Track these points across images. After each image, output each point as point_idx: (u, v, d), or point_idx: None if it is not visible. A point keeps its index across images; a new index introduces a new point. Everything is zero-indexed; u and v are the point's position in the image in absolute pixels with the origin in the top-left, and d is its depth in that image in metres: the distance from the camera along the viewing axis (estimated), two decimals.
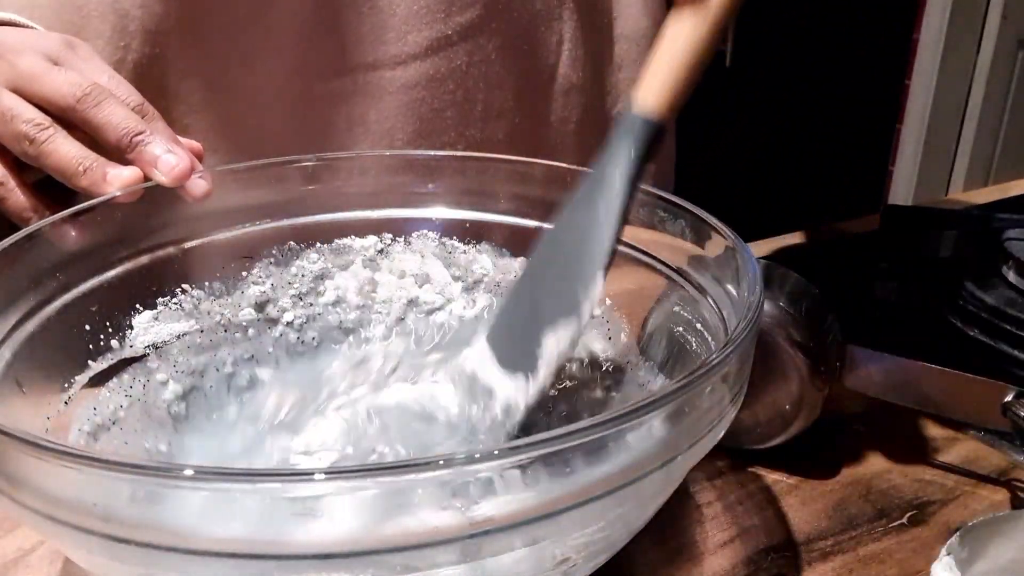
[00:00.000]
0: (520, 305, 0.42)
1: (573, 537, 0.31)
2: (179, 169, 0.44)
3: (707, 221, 0.42)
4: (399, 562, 0.27)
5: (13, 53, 0.45)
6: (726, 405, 0.33)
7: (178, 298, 0.47)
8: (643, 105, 0.39)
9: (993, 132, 2.10)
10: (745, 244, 0.39)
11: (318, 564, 0.27)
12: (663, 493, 0.35)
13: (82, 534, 0.28)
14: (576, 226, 0.40)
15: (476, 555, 0.28)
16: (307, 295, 0.50)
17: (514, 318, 0.42)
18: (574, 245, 0.40)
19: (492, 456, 0.27)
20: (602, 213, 0.39)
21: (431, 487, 0.27)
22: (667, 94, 0.38)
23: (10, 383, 0.37)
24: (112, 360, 0.44)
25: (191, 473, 0.26)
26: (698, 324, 0.41)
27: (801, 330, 0.43)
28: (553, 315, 0.39)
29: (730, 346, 0.32)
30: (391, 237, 0.51)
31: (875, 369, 0.45)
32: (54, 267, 0.42)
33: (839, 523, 0.43)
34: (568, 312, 0.38)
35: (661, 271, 0.45)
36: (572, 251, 0.40)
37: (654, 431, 0.30)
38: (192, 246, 0.48)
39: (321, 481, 0.26)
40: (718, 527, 0.43)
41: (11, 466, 0.28)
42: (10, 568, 0.40)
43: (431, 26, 0.59)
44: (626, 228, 0.46)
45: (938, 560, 0.36)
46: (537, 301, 0.41)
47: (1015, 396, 0.42)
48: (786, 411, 0.44)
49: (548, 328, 0.38)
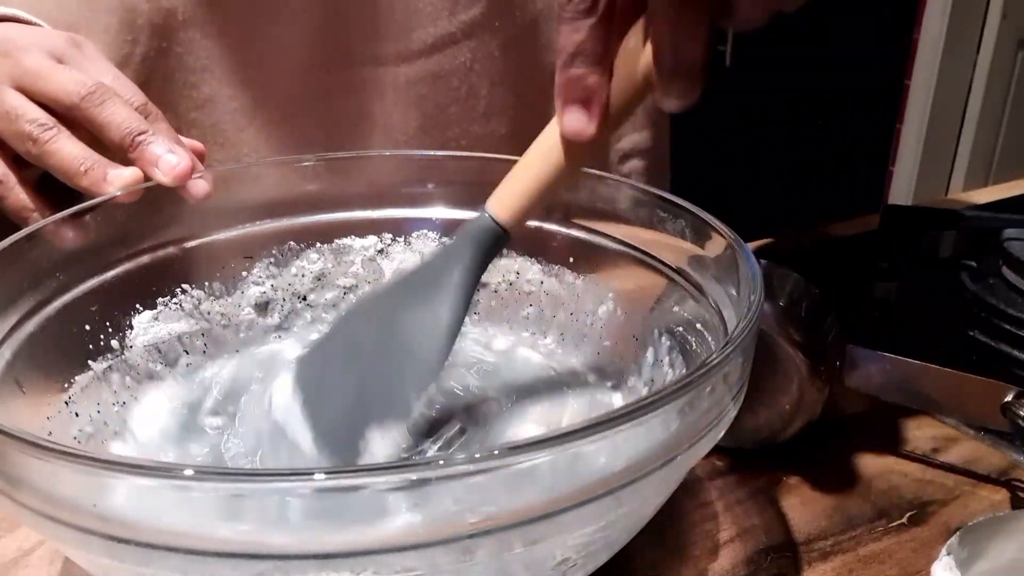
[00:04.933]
0: (340, 374, 0.40)
1: (573, 537, 0.31)
2: (180, 169, 0.44)
3: (707, 221, 0.42)
4: (399, 562, 0.27)
5: (19, 51, 0.45)
6: (726, 405, 0.33)
7: (178, 298, 0.47)
8: (498, 212, 0.38)
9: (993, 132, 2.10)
10: (745, 244, 0.39)
11: (318, 564, 0.27)
12: (663, 493, 0.35)
13: (82, 534, 0.28)
14: (415, 318, 0.39)
15: (476, 555, 0.28)
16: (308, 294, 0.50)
17: (333, 386, 0.40)
18: (411, 341, 0.39)
19: (492, 456, 0.27)
20: (442, 316, 0.38)
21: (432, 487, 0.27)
22: (522, 208, 0.38)
23: (10, 383, 0.37)
24: (112, 360, 0.44)
25: (191, 473, 0.26)
26: (698, 324, 0.41)
27: (801, 330, 0.43)
28: (382, 411, 0.37)
29: (730, 346, 0.32)
30: (391, 237, 0.51)
31: (875, 369, 0.45)
32: (54, 267, 0.42)
33: (839, 523, 0.43)
34: (398, 414, 0.37)
35: (661, 271, 0.45)
36: (409, 346, 0.39)
37: (654, 431, 0.30)
38: (192, 246, 0.48)
39: (321, 481, 0.26)
40: (718, 527, 0.43)
41: (11, 466, 0.28)
42: (10, 568, 0.40)
43: (436, 23, 0.59)
44: (626, 228, 0.46)
45: (938, 560, 0.36)
46: (363, 383, 0.39)
47: (1015, 396, 0.42)
48: (786, 411, 0.44)
49: (375, 423, 0.37)
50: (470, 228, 0.39)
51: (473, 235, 0.39)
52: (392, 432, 0.37)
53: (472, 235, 0.39)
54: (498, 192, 0.39)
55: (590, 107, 0.35)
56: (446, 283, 0.39)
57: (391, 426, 0.37)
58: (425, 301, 0.39)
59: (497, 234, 0.39)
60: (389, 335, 0.40)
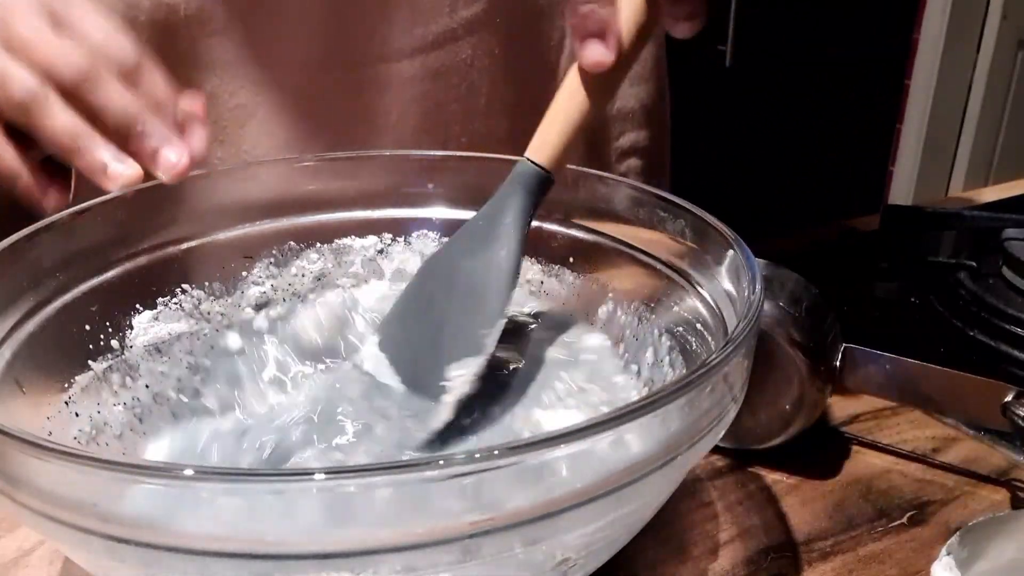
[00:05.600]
0: (418, 325, 0.44)
1: (573, 537, 0.31)
2: (179, 167, 0.44)
3: (707, 221, 0.42)
4: (399, 562, 0.27)
5: (9, 12, 0.44)
6: (726, 405, 0.33)
7: (178, 298, 0.47)
8: (539, 157, 0.42)
9: (993, 132, 2.10)
10: (745, 244, 0.39)
11: (318, 564, 0.27)
12: (663, 493, 0.35)
13: (82, 534, 0.28)
14: (477, 264, 0.43)
15: (476, 555, 0.28)
16: None
17: (413, 337, 0.44)
18: (476, 284, 0.42)
19: (492, 456, 0.27)
20: (502, 258, 0.42)
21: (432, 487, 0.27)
22: (561, 149, 0.42)
23: (10, 383, 0.37)
24: (112, 360, 0.44)
25: (191, 473, 0.26)
26: (698, 324, 0.41)
27: (801, 330, 0.43)
28: (457, 350, 0.41)
29: (730, 346, 0.32)
30: (391, 237, 0.51)
31: (875, 369, 0.45)
32: (54, 267, 0.42)
33: (839, 523, 0.43)
34: (472, 351, 0.41)
35: (661, 271, 0.45)
36: (474, 289, 0.42)
37: (654, 431, 0.30)
38: (192, 246, 0.48)
39: (321, 481, 0.26)
40: (718, 527, 0.43)
41: (11, 466, 0.28)
42: (10, 568, 0.40)
43: (437, 20, 0.60)
44: (626, 228, 0.46)
45: (938, 560, 0.36)
46: (438, 329, 0.43)
47: (1015, 396, 0.42)
48: (786, 411, 0.44)
49: (453, 361, 0.41)
50: (516, 176, 0.42)
51: (521, 182, 0.42)
52: (468, 368, 0.41)
53: (520, 182, 0.42)
54: (534, 141, 0.42)
55: (606, 38, 0.39)
56: (501, 229, 0.42)
57: (468, 362, 0.41)
58: (485, 248, 0.42)
59: (541, 177, 0.42)
60: (456, 283, 0.43)
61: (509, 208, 0.42)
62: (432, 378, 0.41)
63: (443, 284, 0.44)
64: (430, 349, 0.43)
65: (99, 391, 0.42)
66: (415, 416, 0.41)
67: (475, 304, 0.42)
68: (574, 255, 0.49)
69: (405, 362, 0.43)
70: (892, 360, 0.45)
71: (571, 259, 0.49)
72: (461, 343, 0.41)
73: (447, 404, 0.41)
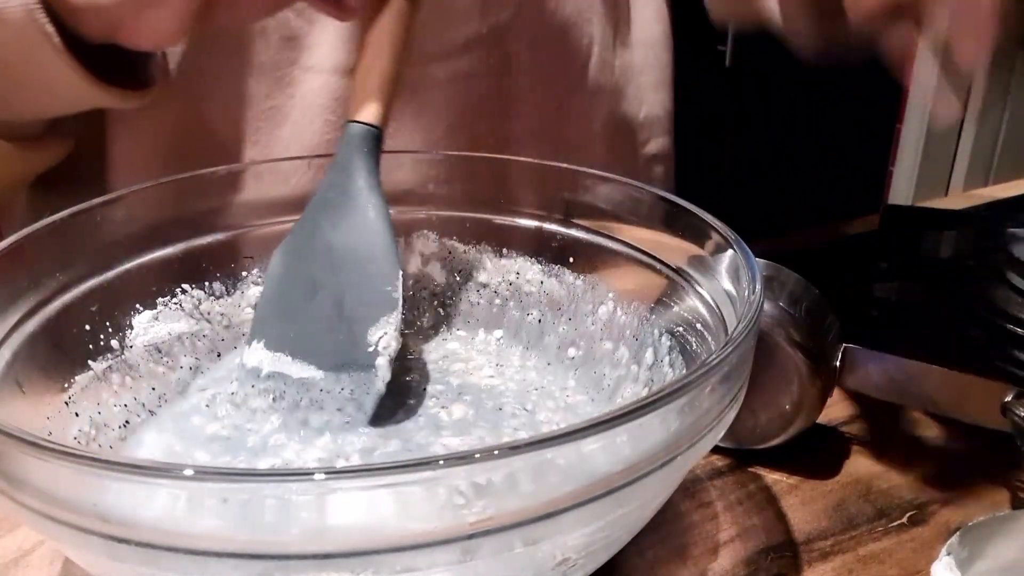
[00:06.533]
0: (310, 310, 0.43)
1: (573, 537, 0.31)
2: None
3: (707, 221, 0.42)
4: (399, 562, 0.27)
5: None
6: (726, 405, 0.33)
7: (178, 298, 0.47)
8: (366, 117, 0.43)
9: (993, 132, 2.10)
10: (745, 244, 0.39)
11: (318, 564, 0.27)
12: (663, 493, 0.35)
13: (82, 534, 0.28)
14: (350, 232, 0.43)
15: (476, 555, 0.28)
16: None
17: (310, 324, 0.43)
18: (359, 249, 0.43)
19: (492, 456, 0.27)
20: (374, 218, 0.43)
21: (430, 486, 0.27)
22: (384, 105, 0.44)
23: (10, 383, 0.37)
24: (112, 360, 0.44)
25: (191, 473, 0.26)
26: (698, 324, 0.41)
27: (801, 330, 0.43)
28: (370, 314, 0.42)
29: (730, 346, 0.32)
30: None
31: (875, 369, 0.45)
32: (54, 267, 0.42)
33: (839, 523, 0.43)
34: (386, 308, 0.42)
35: (661, 271, 0.45)
36: (359, 254, 0.43)
37: (654, 431, 0.30)
38: (192, 246, 0.48)
39: (321, 481, 0.26)
40: (718, 527, 0.43)
41: (11, 466, 0.28)
42: (10, 568, 0.40)
43: (468, 24, 0.60)
44: (626, 228, 0.46)
45: (938, 560, 0.36)
46: (338, 304, 0.43)
47: (1015, 396, 0.42)
48: (786, 411, 0.44)
49: (371, 325, 0.42)
50: (350, 141, 0.43)
51: (357, 144, 0.43)
52: (389, 322, 0.42)
53: (356, 144, 0.43)
54: (356, 104, 0.44)
55: None
56: (358, 193, 0.43)
57: (385, 320, 0.42)
58: (351, 215, 0.43)
59: (374, 134, 0.43)
60: (337, 257, 0.43)
61: (356, 172, 0.43)
62: (356, 349, 0.42)
63: (322, 263, 0.44)
64: (339, 325, 0.43)
65: (99, 391, 0.42)
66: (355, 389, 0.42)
67: (367, 267, 0.43)
68: (574, 255, 0.49)
69: (315, 350, 0.43)
70: (892, 360, 0.45)
71: (571, 259, 0.49)
72: (370, 306, 0.42)
73: (383, 365, 0.41)
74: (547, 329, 0.50)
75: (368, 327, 0.42)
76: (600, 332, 0.48)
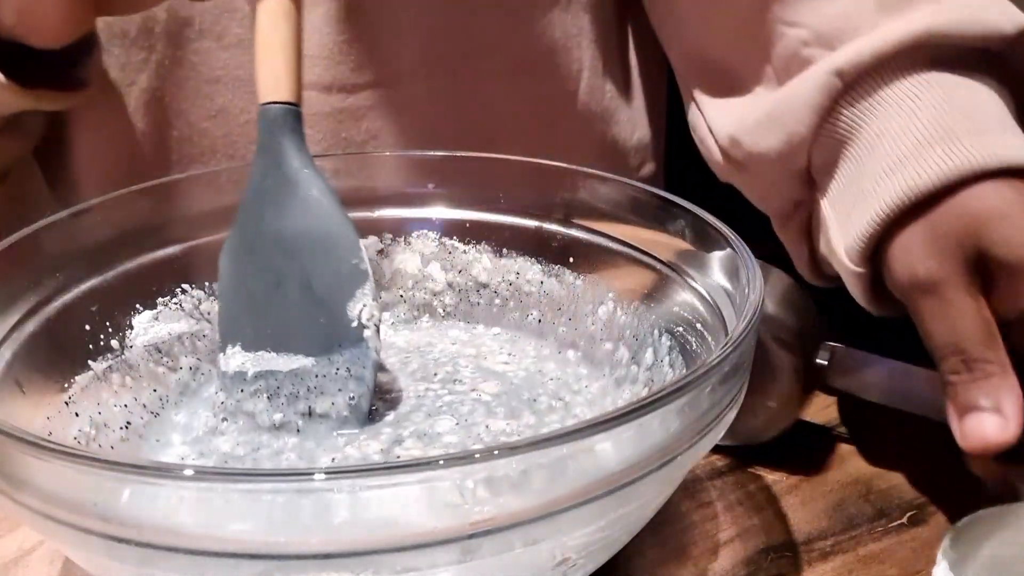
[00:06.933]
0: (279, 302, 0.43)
1: (573, 537, 0.31)
2: None
3: (707, 221, 0.42)
4: (399, 562, 0.27)
5: None
6: (726, 405, 0.33)
7: (178, 298, 0.47)
8: (280, 95, 0.41)
9: None
10: (745, 244, 0.39)
11: (318, 564, 0.27)
12: (663, 493, 0.35)
13: (82, 534, 0.28)
14: (298, 215, 0.42)
15: (476, 555, 0.28)
16: None
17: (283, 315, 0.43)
18: (313, 230, 0.42)
19: (492, 456, 0.27)
20: (317, 196, 0.42)
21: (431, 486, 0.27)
22: (295, 79, 0.42)
23: (10, 383, 0.37)
24: (112, 360, 0.44)
25: (191, 473, 0.26)
26: (698, 324, 0.41)
27: (788, 330, 0.43)
28: (343, 290, 0.41)
29: (730, 346, 0.32)
30: (391, 237, 0.51)
31: (868, 372, 0.45)
32: (54, 267, 0.42)
33: (839, 523, 0.43)
34: (357, 281, 0.41)
35: (661, 271, 0.45)
36: (315, 234, 0.42)
37: (653, 431, 0.30)
38: (192, 246, 0.48)
39: (321, 481, 0.26)
40: (718, 527, 0.43)
41: (11, 466, 0.28)
42: (10, 568, 0.40)
43: (445, 44, 0.59)
44: (626, 228, 0.46)
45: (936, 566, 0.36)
46: (306, 288, 0.42)
47: None
48: (771, 409, 0.44)
49: (348, 301, 0.41)
50: (270, 124, 0.41)
51: (279, 125, 0.42)
52: (364, 294, 0.41)
53: (278, 125, 0.42)
54: (265, 85, 0.42)
55: None
56: (295, 174, 0.42)
57: (360, 293, 0.41)
58: (294, 199, 0.42)
59: (294, 111, 0.42)
60: (292, 242, 0.42)
61: (287, 154, 0.42)
62: (340, 327, 0.41)
63: (276, 253, 0.42)
64: (314, 309, 0.42)
65: (99, 391, 0.42)
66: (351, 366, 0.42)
67: (326, 245, 0.42)
68: (574, 255, 0.49)
69: (298, 338, 0.42)
70: (881, 361, 0.45)
71: (571, 259, 0.49)
72: (342, 283, 0.41)
73: (372, 335, 0.41)
74: (547, 329, 0.50)
75: (345, 303, 0.41)
76: (600, 332, 0.48)
